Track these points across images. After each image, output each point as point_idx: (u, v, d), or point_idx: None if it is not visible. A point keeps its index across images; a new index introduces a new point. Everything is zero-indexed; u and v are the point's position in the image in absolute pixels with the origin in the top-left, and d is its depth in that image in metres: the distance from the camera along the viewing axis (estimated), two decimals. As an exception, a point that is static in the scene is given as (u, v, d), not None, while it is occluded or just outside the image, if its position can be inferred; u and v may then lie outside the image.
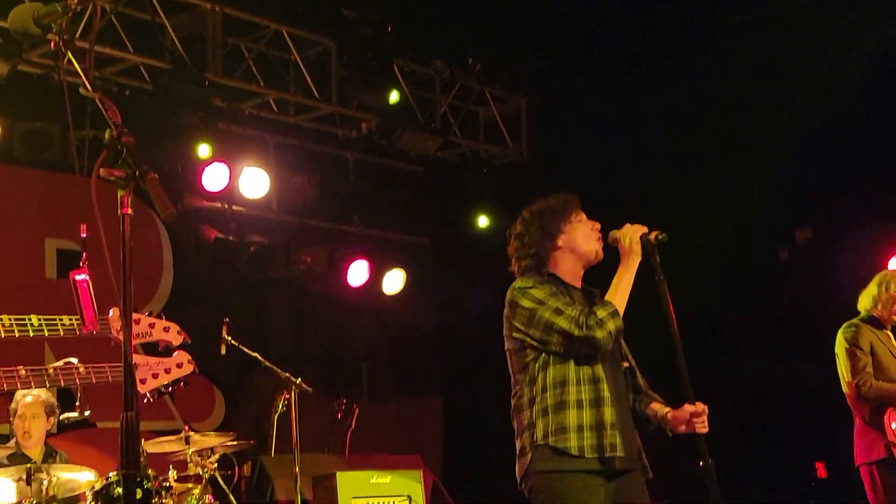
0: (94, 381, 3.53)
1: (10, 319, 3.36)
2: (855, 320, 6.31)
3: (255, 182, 8.58)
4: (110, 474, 5.42)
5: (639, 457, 4.14)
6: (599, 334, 3.92)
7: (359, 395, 9.73)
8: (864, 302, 6.37)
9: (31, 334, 3.39)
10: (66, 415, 6.11)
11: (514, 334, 4.17)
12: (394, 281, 9.84)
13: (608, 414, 3.99)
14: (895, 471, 5.96)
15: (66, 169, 7.73)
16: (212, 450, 6.22)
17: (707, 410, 4.03)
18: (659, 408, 4.18)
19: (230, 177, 8.35)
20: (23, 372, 3.41)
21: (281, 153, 9.08)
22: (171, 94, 7.85)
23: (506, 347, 4.27)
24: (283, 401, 6.79)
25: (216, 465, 6.12)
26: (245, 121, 8.81)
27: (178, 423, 8.22)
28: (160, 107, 7.94)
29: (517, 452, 4.17)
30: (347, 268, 9.45)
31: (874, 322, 6.28)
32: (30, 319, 3.38)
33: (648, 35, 9.04)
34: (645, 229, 4.14)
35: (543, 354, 4.05)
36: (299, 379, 6.42)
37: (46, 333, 3.39)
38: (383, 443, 9.78)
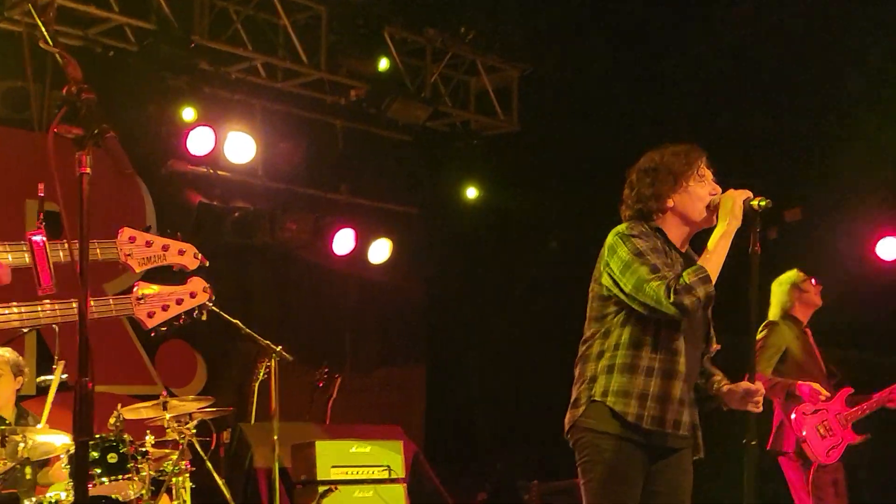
0: (96, 316, 3.35)
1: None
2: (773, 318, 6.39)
3: (240, 147, 8.47)
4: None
5: (693, 434, 4.01)
6: (687, 301, 3.72)
7: (342, 364, 9.69)
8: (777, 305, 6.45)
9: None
10: (42, 378, 6.05)
11: (604, 280, 3.95)
12: (380, 250, 9.77)
13: (677, 388, 3.87)
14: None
15: (46, 129, 7.62)
16: (190, 416, 6.16)
17: (763, 391, 3.93)
18: (718, 381, 4.06)
19: (216, 141, 8.25)
20: (16, 309, 3.27)
21: (268, 119, 8.97)
22: (157, 57, 7.75)
23: (590, 290, 4.05)
24: (264, 368, 6.73)
25: (194, 431, 6.06)
26: (232, 85, 8.69)
27: (159, 389, 8.16)
28: (145, 69, 7.84)
29: (571, 401, 4.00)
30: (333, 236, 9.37)
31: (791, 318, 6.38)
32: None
33: (642, 5, 8.94)
34: (749, 194, 3.91)
35: (625, 310, 3.88)
36: (280, 347, 6.36)
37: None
38: (365, 413, 9.75)
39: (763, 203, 3.87)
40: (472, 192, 10.22)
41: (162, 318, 3.38)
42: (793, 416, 6.07)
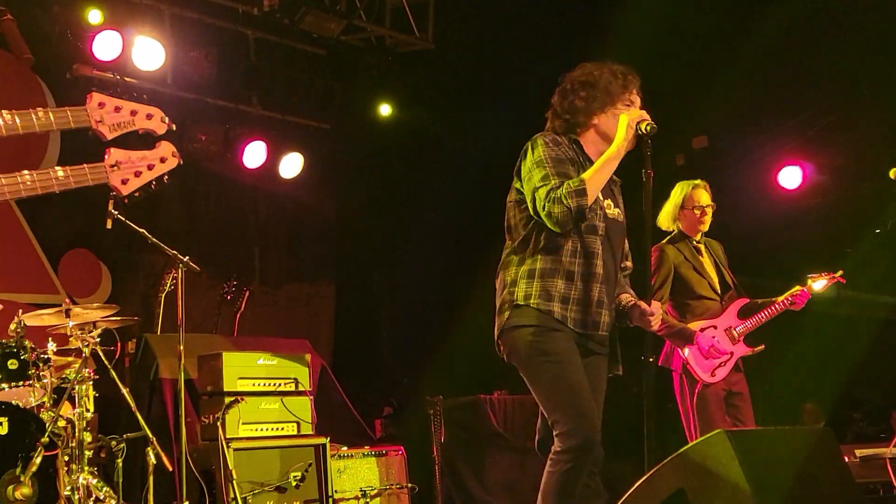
0: (73, 185, 3.27)
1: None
2: (662, 242, 6.23)
3: (149, 53, 8.26)
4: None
5: (612, 346, 4.11)
6: (557, 209, 3.79)
7: (250, 278, 9.65)
8: (667, 220, 6.28)
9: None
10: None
11: (515, 184, 4.04)
12: (291, 165, 9.69)
13: (596, 290, 3.94)
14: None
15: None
16: (94, 324, 6.09)
17: (659, 312, 4.02)
18: (626, 298, 4.14)
19: (123, 46, 8.04)
20: None
21: (178, 25, 8.75)
22: (62, -45, 7.48)
23: (507, 199, 4.11)
24: (171, 279, 6.65)
25: (98, 339, 5.99)
26: (141, -12, 8.46)
27: (62, 298, 8.05)
28: (50, -33, 7.57)
29: (496, 309, 4.04)
30: (244, 149, 9.26)
31: (682, 238, 6.23)
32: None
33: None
34: (645, 117, 3.96)
35: None
36: (187, 258, 6.29)
37: None
38: (273, 327, 9.75)
39: (648, 128, 3.92)
40: (385, 109, 10.16)
41: (136, 184, 3.33)
42: None
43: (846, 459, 5.12)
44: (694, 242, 6.22)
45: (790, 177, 9.35)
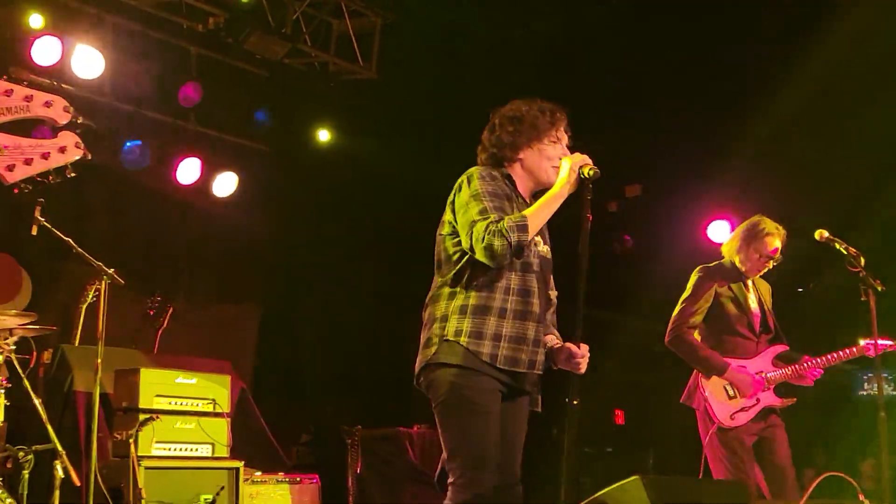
0: None
1: None
2: (711, 265, 6.04)
3: (88, 62, 8.18)
4: None
5: (535, 386, 4.06)
6: (497, 243, 3.72)
7: (175, 295, 9.52)
8: (729, 250, 6.09)
9: None
10: None
11: (448, 217, 3.99)
12: (226, 184, 9.63)
13: (532, 330, 3.90)
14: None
15: None
16: (10, 331, 5.95)
17: (588, 354, 3.98)
18: (551, 339, 4.11)
19: (62, 53, 7.95)
20: None
21: (120, 36, 8.67)
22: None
23: (438, 233, 4.06)
24: (94, 291, 6.53)
25: (14, 347, 5.85)
26: (85, -5, 8.37)
27: (-21, 303, 7.86)
28: (-8, -32, 7.46)
29: (422, 343, 3.97)
30: (178, 164, 9.18)
31: (733, 271, 6.01)
32: None
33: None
34: (587, 161, 3.96)
35: None
36: (112, 270, 6.18)
37: None
38: (195, 347, 9.61)
39: (591, 172, 3.93)
40: (324, 135, 10.16)
41: (24, 172, 3.06)
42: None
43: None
44: (745, 278, 6.00)
45: (718, 231, 9.54)
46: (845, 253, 5.50)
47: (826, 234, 5.57)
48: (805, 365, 5.85)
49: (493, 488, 3.76)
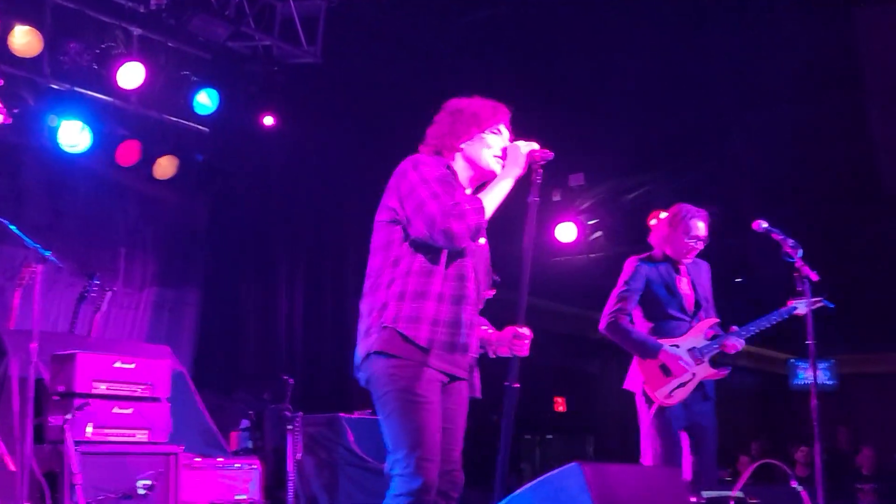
0: None
1: None
2: (641, 257, 6.10)
3: (26, 41, 8.02)
4: None
5: (471, 371, 4.09)
6: (456, 226, 3.77)
7: (114, 278, 9.40)
8: (657, 239, 6.16)
9: None
10: None
11: (390, 203, 3.98)
12: (166, 166, 9.51)
13: (467, 313, 3.93)
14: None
15: None
16: (-57, 315, 5.85)
17: (531, 335, 4.00)
18: (484, 328, 4.15)
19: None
20: None
21: (59, 15, 8.49)
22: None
23: (376, 220, 4.05)
24: (30, 273, 6.45)
25: (-54, 331, 5.75)
26: (21, -26, 8.20)
27: None
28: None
29: (362, 333, 3.97)
30: (117, 146, 9.05)
31: (663, 258, 6.09)
32: None
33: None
34: (536, 146, 4.02)
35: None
36: (50, 252, 6.09)
37: None
38: (134, 331, 9.53)
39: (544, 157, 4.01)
40: (267, 120, 10.07)
41: None
42: None
43: (693, 500, 5.24)
44: (675, 264, 6.08)
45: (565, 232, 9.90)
46: (781, 243, 5.58)
47: (765, 224, 5.65)
48: (732, 332, 5.96)
49: (437, 478, 3.78)
